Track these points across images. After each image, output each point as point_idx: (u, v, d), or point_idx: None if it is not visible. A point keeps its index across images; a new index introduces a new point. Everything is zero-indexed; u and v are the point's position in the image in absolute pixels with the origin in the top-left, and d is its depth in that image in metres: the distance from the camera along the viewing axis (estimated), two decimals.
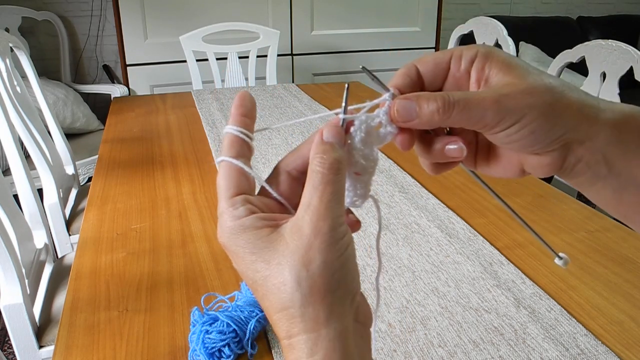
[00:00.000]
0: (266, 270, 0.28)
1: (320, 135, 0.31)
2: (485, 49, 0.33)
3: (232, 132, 0.32)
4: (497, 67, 0.33)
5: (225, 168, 0.31)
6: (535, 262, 0.83)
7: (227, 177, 0.31)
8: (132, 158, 1.31)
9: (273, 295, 0.28)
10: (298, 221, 0.28)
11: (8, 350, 1.71)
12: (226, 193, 0.30)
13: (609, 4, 4.00)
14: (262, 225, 0.29)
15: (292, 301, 0.27)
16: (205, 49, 2.19)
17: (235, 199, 0.30)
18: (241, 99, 0.33)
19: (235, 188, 0.31)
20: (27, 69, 1.50)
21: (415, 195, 1.07)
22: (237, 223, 0.29)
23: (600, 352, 0.63)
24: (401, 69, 0.35)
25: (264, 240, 0.29)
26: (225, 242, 0.30)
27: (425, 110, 0.32)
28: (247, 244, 0.29)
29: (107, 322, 0.70)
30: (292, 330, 0.28)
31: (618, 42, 1.28)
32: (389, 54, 2.96)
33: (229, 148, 0.32)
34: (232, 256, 0.30)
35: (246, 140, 0.32)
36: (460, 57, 0.34)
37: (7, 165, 2.12)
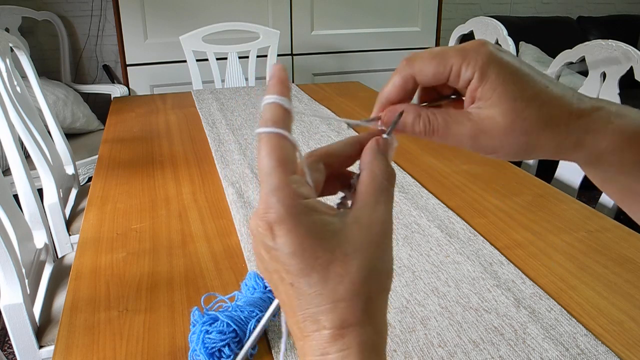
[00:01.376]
0: (329, 257, 0.28)
1: (378, 145, 0.33)
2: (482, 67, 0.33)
3: (280, 102, 0.30)
4: (487, 94, 0.33)
5: (277, 141, 0.29)
6: (535, 262, 0.83)
7: (283, 150, 0.29)
8: (132, 158, 1.31)
9: (332, 284, 0.28)
10: (365, 218, 0.29)
11: (8, 350, 1.71)
12: (285, 167, 0.28)
13: (609, 4, 4.00)
14: (324, 211, 0.29)
15: (357, 293, 0.28)
16: (205, 49, 2.19)
17: (296, 177, 0.29)
18: (281, 70, 0.31)
19: (292, 164, 0.29)
20: (27, 69, 1.50)
21: (415, 195, 1.07)
22: (302, 203, 0.28)
23: (600, 352, 0.63)
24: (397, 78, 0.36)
25: (329, 227, 0.28)
26: (280, 219, 0.27)
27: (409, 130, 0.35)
28: (311, 227, 0.28)
29: (107, 322, 0.70)
30: (347, 321, 0.28)
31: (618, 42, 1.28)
32: (389, 54, 2.96)
33: (280, 120, 0.29)
34: (283, 236, 0.28)
35: (291, 112, 0.30)
36: (459, 74, 0.34)
37: (7, 165, 2.12)
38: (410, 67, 0.35)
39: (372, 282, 0.29)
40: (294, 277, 0.28)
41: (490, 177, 1.17)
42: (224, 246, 0.88)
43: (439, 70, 0.34)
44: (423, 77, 0.35)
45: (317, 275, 0.28)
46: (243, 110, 1.70)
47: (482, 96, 0.34)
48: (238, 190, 1.09)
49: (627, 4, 4.04)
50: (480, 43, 0.34)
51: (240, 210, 1.00)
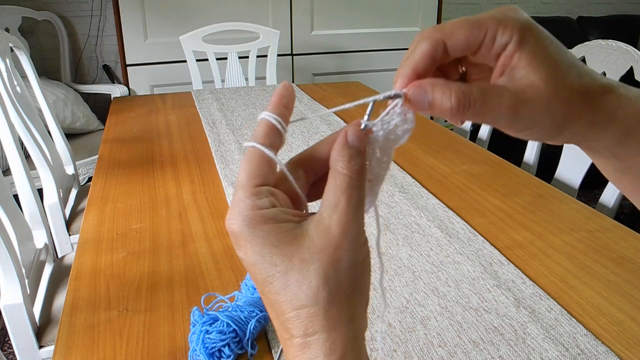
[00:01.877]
0: (287, 265, 0.28)
1: (345, 138, 0.30)
2: (521, 32, 0.30)
3: (269, 119, 0.31)
4: (527, 59, 0.30)
5: (254, 155, 0.30)
6: (535, 262, 0.83)
7: (255, 164, 0.30)
8: (132, 158, 1.31)
9: (292, 291, 0.27)
10: (324, 220, 0.28)
11: (8, 350, 1.71)
12: (251, 181, 0.29)
13: (609, 4, 4.00)
14: (284, 219, 0.29)
15: (316, 299, 0.27)
16: (205, 49, 2.19)
17: (260, 188, 0.29)
18: (284, 89, 0.32)
19: (261, 177, 0.29)
20: (27, 69, 1.50)
21: (415, 195, 1.07)
22: (258, 213, 0.28)
23: (600, 352, 0.63)
24: (425, 44, 0.31)
25: (286, 234, 0.28)
26: (239, 231, 0.28)
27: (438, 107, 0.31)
28: (267, 236, 0.28)
29: (107, 322, 0.70)
30: (311, 328, 0.27)
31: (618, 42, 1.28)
32: (389, 54, 2.96)
33: (263, 135, 0.30)
34: (243, 246, 0.28)
35: (280, 130, 0.31)
36: (494, 39, 0.31)
37: (7, 165, 2.12)
38: (440, 31, 0.31)
39: (335, 285, 0.28)
40: (260, 286, 0.29)
41: (490, 177, 1.17)
42: (224, 246, 0.88)
43: (473, 34, 0.31)
44: (455, 41, 0.31)
45: (277, 284, 0.28)
46: (243, 110, 1.70)
47: (519, 63, 0.31)
48: None
49: (627, 4, 4.04)
50: (514, 8, 0.31)
51: None
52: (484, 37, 0.31)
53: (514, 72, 0.31)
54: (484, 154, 1.32)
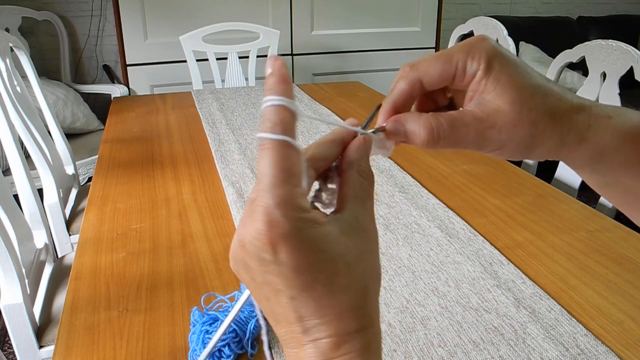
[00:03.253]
0: (333, 269, 0.28)
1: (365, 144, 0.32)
2: (487, 60, 0.33)
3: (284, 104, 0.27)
4: (493, 84, 0.33)
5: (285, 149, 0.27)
6: (535, 262, 0.83)
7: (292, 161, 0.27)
8: (132, 158, 1.31)
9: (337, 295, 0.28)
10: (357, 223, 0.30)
11: (8, 350, 1.71)
12: (291, 179, 0.27)
13: (609, 4, 4.00)
14: (323, 219, 0.29)
15: (361, 301, 0.29)
16: (205, 49, 2.19)
17: (299, 189, 0.27)
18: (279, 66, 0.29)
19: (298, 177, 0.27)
20: (27, 69, 1.50)
21: (415, 195, 1.07)
22: (304, 217, 0.27)
23: (600, 352, 0.63)
24: (403, 84, 0.34)
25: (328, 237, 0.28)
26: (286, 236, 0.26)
27: (415, 139, 0.34)
28: (315, 240, 0.27)
29: (107, 322, 0.70)
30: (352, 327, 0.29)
31: (618, 42, 1.28)
32: (389, 54, 2.96)
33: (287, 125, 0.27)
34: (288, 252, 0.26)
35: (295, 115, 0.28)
36: (464, 69, 0.33)
37: (7, 165, 2.12)
38: (415, 70, 0.34)
39: (372, 287, 0.29)
40: (297, 291, 0.27)
41: (490, 177, 1.17)
42: (224, 246, 0.88)
43: (445, 69, 0.34)
44: (429, 78, 0.34)
45: (322, 289, 0.28)
46: (243, 110, 1.70)
47: (486, 88, 0.33)
48: (238, 190, 1.09)
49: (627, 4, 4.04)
50: (482, 38, 0.34)
51: (240, 210, 1.00)
52: (455, 70, 0.33)
53: (482, 97, 0.33)
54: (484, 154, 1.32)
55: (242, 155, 1.30)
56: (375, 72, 2.96)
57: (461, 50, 0.33)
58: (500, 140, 0.33)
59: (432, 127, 0.33)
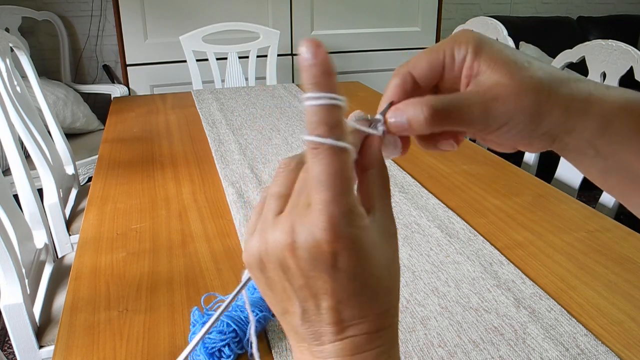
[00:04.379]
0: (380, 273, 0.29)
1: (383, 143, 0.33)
2: (475, 43, 0.33)
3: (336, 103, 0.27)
4: (485, 63, 0.32)
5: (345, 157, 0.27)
6: (535, 262, 0.83)
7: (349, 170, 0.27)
8: (132, 158, 1.31)
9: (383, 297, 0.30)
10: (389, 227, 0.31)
11: (8, 350, 1.71)
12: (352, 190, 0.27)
13: (609, 4, 4.00)
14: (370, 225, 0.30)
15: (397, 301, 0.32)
16: (205, 49, 2.19)
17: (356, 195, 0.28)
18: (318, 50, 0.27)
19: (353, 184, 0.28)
20: (27, 69, 1.50)
21: (415, 195, 1.07)
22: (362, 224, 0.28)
23: (600, 352, 0.63)
24: (395, 80, 0.34)
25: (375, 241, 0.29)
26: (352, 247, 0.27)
27: (414, 123, 0.32)
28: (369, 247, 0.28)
29: (107, 322, 0.70)
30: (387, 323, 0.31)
31: (618, 42, 1.28)
32: (389, 54, 2.96)
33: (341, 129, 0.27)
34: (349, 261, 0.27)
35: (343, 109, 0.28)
36: (453, 56, 0.33)
37: (7, 165, 2.12)
38: (405, 65, 0.34)
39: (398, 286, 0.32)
40: (346, 295, 0.28)
41: (490, 177, 1.17)
42: (224, 246, 0.88)
43: (432, 59, 0.34)
44: (420, 70, 0.34)
45: (369, 293, 0.29)
46: (243, 110, 1.70)
47: (479, 69, 0.32)
48: (238, 190, 1.09)
49: (627, 4, 4.04)
50: (466, 30, 0.34)
51: (240, 210, 1.00)
52: (443, 58, 0.33)
53: (477, 79, 0.33)
54: (484, 154, 1.32)
55: (242, 155, 1.30)
56: (375, 72, 2.96)
57: (447, 41, 0.34)
58: (506, 113, 0.32)
59: (432, 105, 0.31)
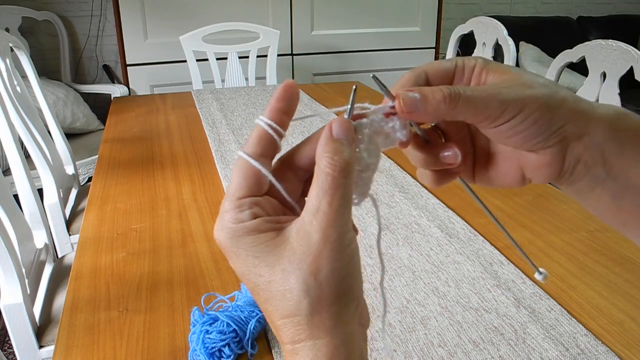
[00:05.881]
0: (270, 275, 0.28)
1: (330, 131, 0.29)
2: (484, 59, 0.36)
3: (262, 125, 0.30)
4: (493, 72, 0.35)
5: (242, 165, 0.30)
6: (536, 262, 0.83)
7: (242, 175, 0.30)
8: (132, 158, 1.31)
9: (277, 301, 0.28)
10: (305, 226, 0.27)
11: (8, 350, 1.71)
12: (235, 193, 0.30)
13: (609, 4, 4.00)
14: (267, 228, 0.29)
15: (298, 309, 0.27)
16: (205, 49, 2.19)
17: (242, 200, 0.29)
18: (286, 90, 0.31)
19: (246, 189, 0.30)
20: (27, 69, 1.50)
21: (415, 195, 1.07)
22: (240, 226, 0.29)
23: (600, 352, 0.63)
24: (410, 73, 0.35)
25: (267, 244, 0.28)
26: (224, 243, 0.29)
27: (431, 100, 0.31)
28: (249, 247, 0.28)
29: (107, 322, 0.70)
30: (297, 336, 0.28)
31: (618, 42, 1.28)
32: (389, 54, 2.96)
33: (255, 144, 0.30)
34: (230, 257, 0.29)
35: (274, 137, 0.30)
36: (463, 66, 0.35)
37: (7, 165, 2.12)
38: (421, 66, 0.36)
39: (316, 294, 0.27)
40: (252, 294, 0.29)
41: None
42: None
43: (446, 65, 0.36)
44: (434, 71, 0.35)
45: (263, 294, 0.28)
46: (243, 110, 1.70)
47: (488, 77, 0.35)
48: None
49: (627, 4, 4.04)
50: None
51: None
52: (455, 67, 0.35)
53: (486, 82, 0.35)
54: None
55: None
56: (375, 72, 2.96)
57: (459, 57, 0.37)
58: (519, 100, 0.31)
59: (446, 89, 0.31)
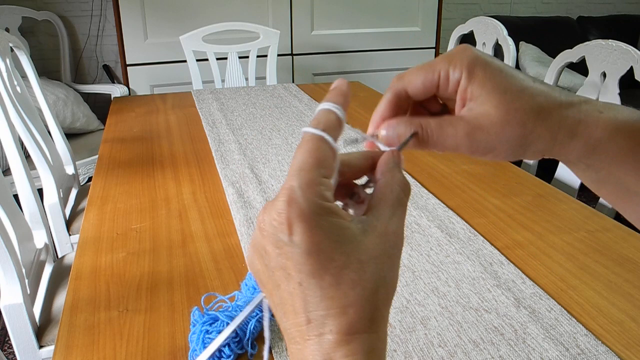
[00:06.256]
0: (344, 262, 0.28)
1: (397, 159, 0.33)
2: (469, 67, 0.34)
3: (333, 109, 0.31)
4: (477, 90, 0.34)
5: (322, 144, 0.29)
6: (535, 262, 0.83)
7: (324, 155, 0.29)
8: (132, 158, 1.31)
9: (343, 288, 0.28)
10: (381, 228, 0.30)
11: (8, 350, 1.71)
12: (320, 170, 0.29)
13: (609, 4, 4.00)
14: (343, 215, 0.29)
15: (368, 300, 0.28)
16: (205, 49, 2.19)
17: (327, 180, 0.29)
18: (345, 86, 0.33)
19: (329, 170, 0.29)
20: (27, 69, 1.50)
21: (415, 195, 1.07)
22: (326, 204, 0.28)
23: (600, 352, 0.63)
24: (389, 95, 0.36)
25: (346, 232, 0.28)
26: (303, 216, 0.27)
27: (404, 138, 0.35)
28: (331, 228, 0.28)
29: (107, 322, 0.70)
30: (355, 327, 0.28)
31: (618, 42, 1.28)
32: (389, 54, 2.96)
33: (331, 126, 0.30)
34: (302, 233, 0.27)
35: (342, 121, 0.31)
36: (447, 77, 0.34)
37: (7, 165, 2.12)
38: (400, 81, 0.36)
39: (382, 291, 0.29)
40: (305, 276, 0.28)
41: (490, 177, 1.17)
42: (224, 246, 0.88)
43: (427, 78, 0.35)
44: (414, 88, 0.35)
45: (330, 278, 0.28)
46: (243, 110, 1.70)
47: (472, 95, 0.34)
48: (238, 190, 1.09)
49: (627, 4, 4.04)
50: (464, 47, 0.35)
51: (240, 210, 1.00)
52: (438, 79, 0.35)
53: (470, 104, 0.34)
54: None
55: (242, 155, 1.30)
56: (375, 72, 2.96)
57: (443, 59, 0.35)
58: (489, 142, 0.34)
59: (420, 127, 0.34)
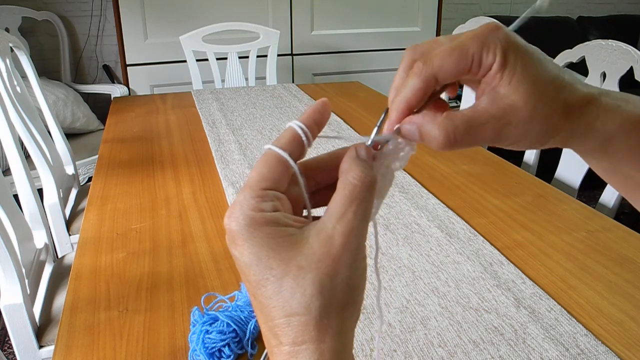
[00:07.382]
0: (283, 269, 0.27)
1: (356, 152, 0.31)
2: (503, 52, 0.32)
3: (295, 127, 0.31)
4: (507, 79, 0.32)
5: (270, 158, 0.30)
6: (535, 262, 0.83)
7: (269, 167, 0.30)
8: (132, 158, 1.31)
9: (285, 297, 0.27)
10: (327, 230, 0.28)
11: (8, 350, 1.71)
12: (260, 183, 0.29)
13: (609, 4, 4.00)
14: (287, 223, 0.28)
15: (308, 308, 0.27)
16: (205, 49, 2.19)
17: (266, 192, 0.29)
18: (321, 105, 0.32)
19: (271, 181, 0.29)
20: (27, 69, 1.50)
21: (415, 195, 1.07)
22: (260, 215, 0.28)
23: (600, 352, 0.63)
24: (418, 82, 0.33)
25: (285, 238, 0.28)
26: (237, 229, 0.28)
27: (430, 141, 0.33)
28: (266, 238, 0.27)
29: (107, 322, 0.70)
30: (300, 337, 0.27)
31: (618, 42, 1.28)
32: (389, 54, 2.96)
33: (285, 143, 0.31)
34: (240, 245, 0.28)
35: (303, 141, 0.31)
36: (480, 63, 0.32)
37: (7, 165, 2.12)
38: (429, 66, 0.33)
39: (329, 297, 0.27)
40: (252, 288, 0.28)
41: (490, 177, 1.17)
42: (224, 246, 0.88)
43: (460, 64, 0.32)
44: (445, 74, 0.33)
45: (271, 287, 0.27)
46: (243, 110, 1.70)
47: (501, 82, 0.32)
48: (238, 190, 1.09)
49: (627, 4, 4.04)
50: (495, 27, 0.33)
51: None
52: (471, 64, 0.33)
53: (496, 90, 0.33)
54: (484, 154, 1.32)
55: (242, 155, 1.30)
56: (375, 72, 2.96)
57: (475, 41, 0.32)
58: (516, 136, 0.34)
59: (448, 131, 0.33)
